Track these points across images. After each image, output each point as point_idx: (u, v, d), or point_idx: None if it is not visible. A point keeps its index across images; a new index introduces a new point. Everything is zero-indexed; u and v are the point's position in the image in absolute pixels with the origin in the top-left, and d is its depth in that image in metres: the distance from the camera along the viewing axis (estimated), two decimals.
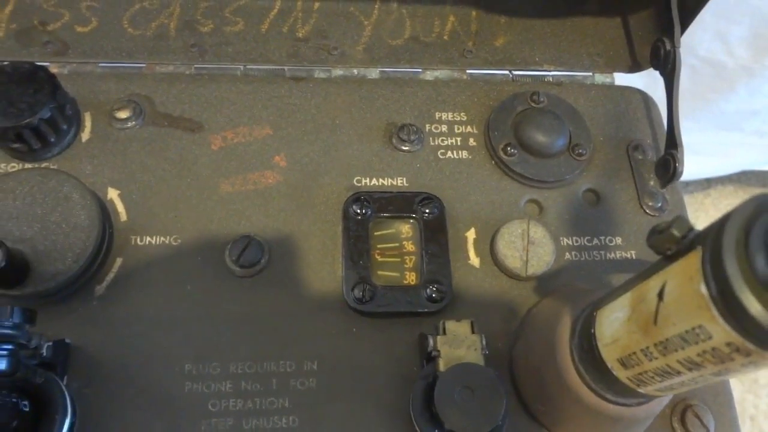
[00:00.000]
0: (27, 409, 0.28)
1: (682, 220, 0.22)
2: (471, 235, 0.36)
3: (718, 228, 0.20)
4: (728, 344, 0.20)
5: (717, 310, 0.20)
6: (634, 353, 0.24)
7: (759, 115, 0.86)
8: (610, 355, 0.26)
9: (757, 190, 1.02)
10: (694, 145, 0.93)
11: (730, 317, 0.19)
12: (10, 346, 0.26)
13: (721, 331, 0.20)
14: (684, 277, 0.21)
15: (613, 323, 0.26)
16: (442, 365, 0.30)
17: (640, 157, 0.40)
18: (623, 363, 0.26)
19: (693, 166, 1.00)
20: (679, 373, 0.23)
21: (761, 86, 0.79)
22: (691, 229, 0.22)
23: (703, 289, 0.20)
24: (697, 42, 0.74)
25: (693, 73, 0.78)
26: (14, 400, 0.27)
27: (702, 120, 0.87)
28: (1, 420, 0.26)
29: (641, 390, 0.26)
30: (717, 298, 0.20)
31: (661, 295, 0.22)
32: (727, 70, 0.77)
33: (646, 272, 0.24)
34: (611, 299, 0.26)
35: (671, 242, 0.22)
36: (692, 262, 0.21)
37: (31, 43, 0.40)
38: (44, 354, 0.29)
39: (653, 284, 0.23)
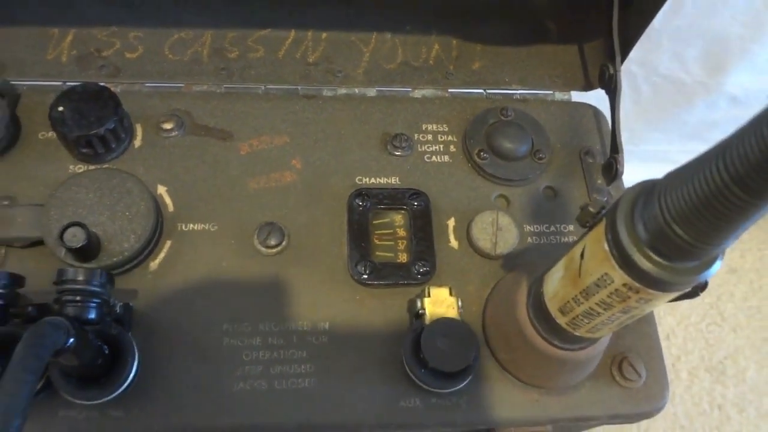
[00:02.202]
0: (107, 352, 0.36)
1: (596, 200, 0.31)
2: (451, 222, 0.44)
3: (614, 205, 0.28)
4: (624, 285, 0.28)
5: (615, 261, 0.28)
6: (568, 302, 0.33)
7: (719, 126, 0.95)
8: (552, 307, 0.35)
9: None
10: (664, 153, 1.02)
11: (623, 265, 0.28)
12: (98, 300, 0.34)
13: (619, 276, 0.28)
14: (595, 240, 0.29)
15: (554, 281, 0.34)
16: (426, 320, 0.38)
17: (590, 160, 0.48)
18: (562, 311, 0.34)
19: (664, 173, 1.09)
20: (598, 313, 0.31)
21: (717, 100, 0.88)
22: (603, 207, 0.30)
23: (606, 246, 0.28)
24: (658, 62, 0.83)
25: (656, 90, 0.87)
26: (99, 343, 0.35)
27: (668, 132, 0.96)
28: (92, 356, 0.34)
29: (577, 333, 0.34)
30: (614, 253, 0.28)
31: (582, 255, 0.31)
32: (686, 86, 0.86)
33: (575, 243, 0.33)
34: (553, 265, 0.35)
35: (589, 217, 0.31)
36: (600, 229, 0.29)
37: (88, 66, 0.48)
38: (117, 312, 0.37)
39: (578, 248, 0.31)
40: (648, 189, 0.27)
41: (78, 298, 0.33)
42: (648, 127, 0.92)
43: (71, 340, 0.30)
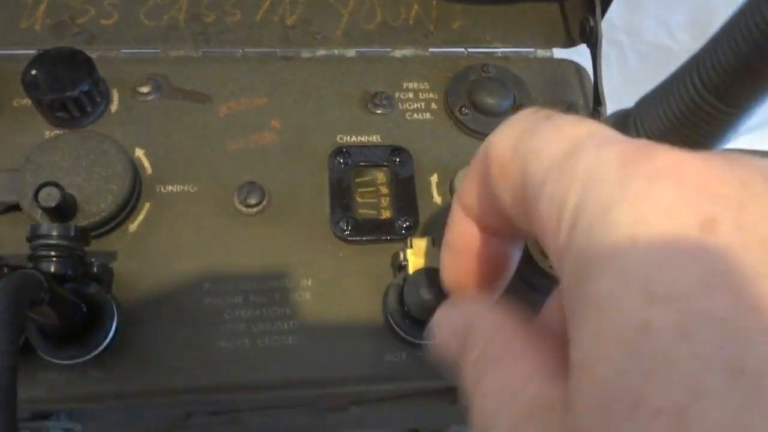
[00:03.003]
0: (85, 311, 0.35)
1: None
2: (434, 179, 0.44)
3: None
4: None
5: None
6: None
7: None
8: (535, 251, 0.34)
9: None
10: None
11: None
12: (72, 256, 0.33)
13: None
14: None
15: None
16: (410, 270, 0.38)
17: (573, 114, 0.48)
18: (544, 253, 0.34)
19: None
20: None
21: None
22: None
23: None
24: (643, 28, 0.82)
25: (642, 58, 0.87)
26: (76, 300, 0.34)
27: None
28: (68, 313, 0.33)
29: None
30: None
31: None
32: (673, 54, 0.86)
33: None
34: None
35: None
36: None
37: (63, 34, 0.47)
38: (95, 271, 0.37)
39: None
40: (623, 116, 0.27)
41: (52, 253, 0.33)
42: (635, 96, 0.91)
43: (44, 292, 0.30)
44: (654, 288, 0.15)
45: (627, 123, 0.26)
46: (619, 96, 0.98)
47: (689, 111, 0.23)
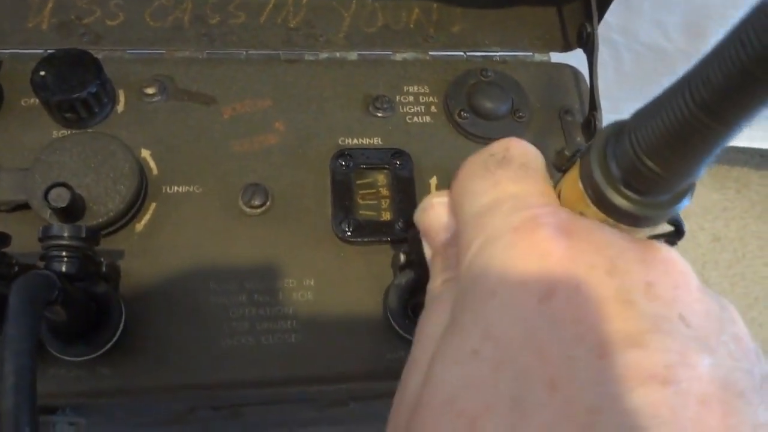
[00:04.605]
0: (94, 309, 0.36)
1: (570, 145, 0.31)
2: (433, 181, 0.45)
3: (588, 146, 0.29)
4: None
5: (589, 199, 0.29)
6: None
7: None
8: None
9: None
10: None
11: (597, 202, 0.28)
12: (83, 256, 0.34)
13: (593, 214, 0.29)
14: (571, 180, 0.30)
15: None
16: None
17: (569, 119, 0.49)
18: None
19: None
20: None
21: None
22: (578, 150, 0.31)
23: (581, 186, 0.29)
24: (639, 29, 0.83)
25: (638, 58, 0.88)
26: (86, 299, 0.35)
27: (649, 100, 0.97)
28: (79, 312, 0.34)
29: None
30: (589, 192, 0.29)
31: (559, 197, 0.31)
32: (668, 54, 0.87)
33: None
34: None
35: (564, 160, 0.31)
36: (575, 170, 0.30)
37: (69, 34, 0.48)
38: (104, 270, 0.38)
39: (555, 191, 0.32)
40: (619, 127, 0.28)
41: (63, 253, 0.33)
42: (630, 95, 0.92)
43: (57, 292, 0.31)
44: (492, 331, 0.21)
45: (623, 133, 0.27)
46: (612, 93, 1.00)
47: (680, 126, 0.24)
